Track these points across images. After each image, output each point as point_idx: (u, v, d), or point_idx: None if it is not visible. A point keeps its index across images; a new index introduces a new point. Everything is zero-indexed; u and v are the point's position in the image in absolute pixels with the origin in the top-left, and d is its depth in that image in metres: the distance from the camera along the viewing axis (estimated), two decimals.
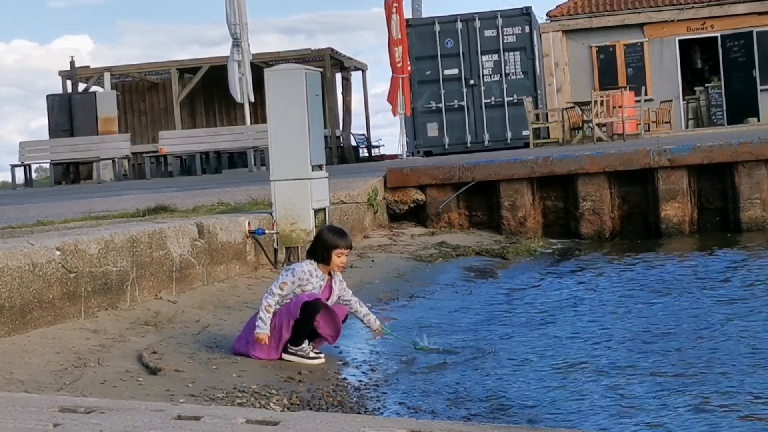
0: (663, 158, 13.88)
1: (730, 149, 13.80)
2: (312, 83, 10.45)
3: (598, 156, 14.23)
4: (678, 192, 13.88)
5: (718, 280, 10.32)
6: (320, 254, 7.06)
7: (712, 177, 14.03)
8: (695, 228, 13.99)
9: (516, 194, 14.25)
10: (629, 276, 10.96)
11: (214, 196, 12.81)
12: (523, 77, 26.34)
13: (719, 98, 31.91)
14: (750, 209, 13.72)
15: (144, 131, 34.57)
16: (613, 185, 14.20)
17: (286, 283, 6.95)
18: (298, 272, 6.98)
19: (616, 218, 14.23)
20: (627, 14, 32.37)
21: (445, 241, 13.26)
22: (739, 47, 31.78)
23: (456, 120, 26.48)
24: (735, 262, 11.34)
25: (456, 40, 26.45)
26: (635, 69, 32.05)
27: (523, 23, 26.50)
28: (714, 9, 31.90)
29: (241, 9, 23.04)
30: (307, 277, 7.01)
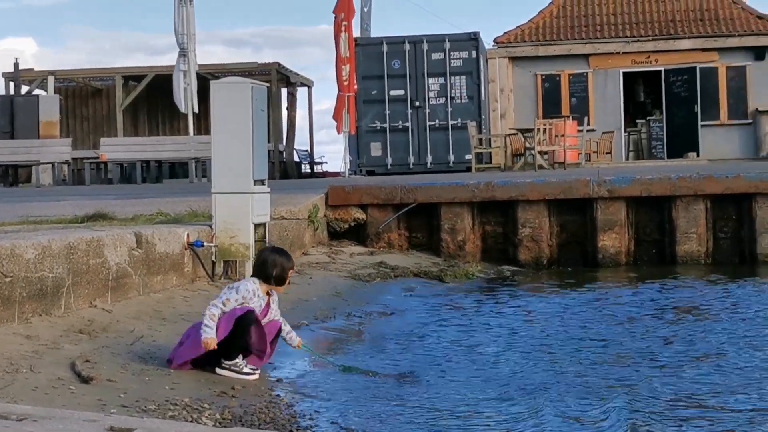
0: (603, 189, 14.01)
1: (670, 183, 13.97)
2: (258, 98, 10.44)
3: (539, 183, 14.34)
4: (616, 223, 14.02)
5: (633, 308, 10.43)
6: (278, 276, 7.07)
7: (651, 210, 14.18)
8: (631, 259, 14.12)
9: (456, 218, 14.31)
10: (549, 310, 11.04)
11: (154, 205, 12.73)
12: (468, 101, 26.49)
13: (660, 132, 32.27)
14: (686, 243, 13.89)
15: (86, 137, 34.31)
16: (553, 213, 14.30)
17: (229, 300, 6.93)
18: (242, 291, 6.97)
19: (554, 246, 14.33)
20: (573, 44, 32.67)
21: (384, 261, 13.28)
22: (682, 82, 32.18)
23: (400, 141, 26.56)
24: (660, 293, 11.46)
25: (403, 61, 26.55)
26: (579, 99, 32.34)
27: (471, 48, 26.66)
28: (659, 43, 32.29)
29: (190, 19, 23.00)
30: (251, 296, 6.99)
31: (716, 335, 8.92)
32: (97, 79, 34.37)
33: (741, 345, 8.44)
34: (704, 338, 8.80)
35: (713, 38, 32.18)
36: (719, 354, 8.11)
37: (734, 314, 10.08)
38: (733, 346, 8.36)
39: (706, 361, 7.85)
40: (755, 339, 8.68)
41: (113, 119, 32.42)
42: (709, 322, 9.61)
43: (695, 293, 11.48)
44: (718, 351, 8.22)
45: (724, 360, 7.86)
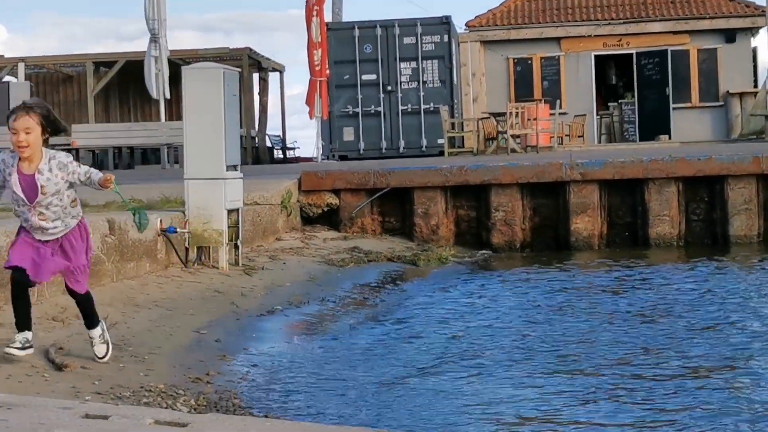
0: (575, 172, 14.04)
1: (642, 166, 14.01)
2: (230, 83, 10.41)
3: (512, 167, 14.36)
4: (589, 206, 14.06)
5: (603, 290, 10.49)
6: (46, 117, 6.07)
7: (623, 192, 14.22)
8: (604, 242, 14.16)
9: (429, 202, 14.32)
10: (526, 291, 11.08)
11: (127, 192, 12.67)
12: (440, 86, 26.47)
13: (632, 115, 32.35)
14: (659, 225, 13.94)
15: None
16: (526, 197, 14.33)
17: None
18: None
19: (527, 230, 14.35)
20: (544, 27, 32.68)
21: (358, 246, 13.28)
22: (653, 65, 32.26)
23: (372, 125, 26.52)
24: (627, 276, 11.52)
25: (375, 45, 26.50)
26: (551, 82, 32.38)
27: (442, 32, 26.63)
28: (630, 26, 32.35)
29: (160, 4, 22.87)
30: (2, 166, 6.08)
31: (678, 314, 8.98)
32: (67, 66, 34.16)
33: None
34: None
35: (684, 21, 32.26)
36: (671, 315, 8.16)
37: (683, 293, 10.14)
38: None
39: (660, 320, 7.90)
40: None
41: (84, 106, 32.22)
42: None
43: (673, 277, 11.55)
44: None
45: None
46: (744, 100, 31.05)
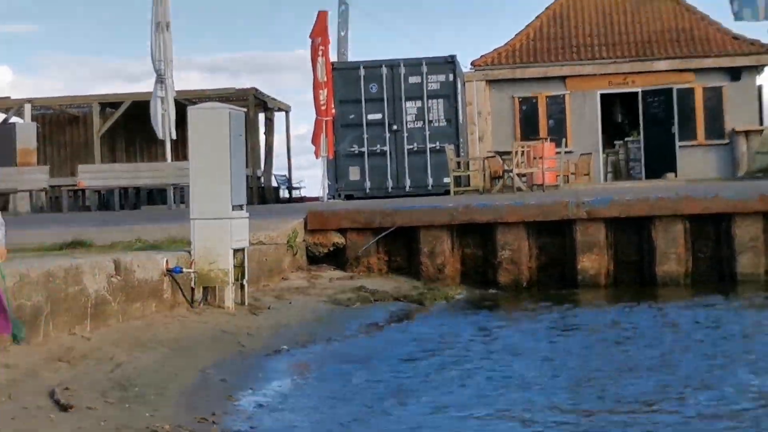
0: (581, 210, 14.02)
1: (648, 203, 13.99)
2: (235, 123, 10.43)
3: (518, 206, 14.35)
4: (595, 244, 14.03)
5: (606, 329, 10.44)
6: None
7: (630, 230, 14.19)
8: (611, 280, 14.11)
9: (435, 241, 14.30)
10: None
11: (133, 232, 12.69)
12: (446, 125, 26.51)
13: (638, 152, 32.38)
14: (666, 263, 13.90)
15: (63, 164, 34.19)
16: (532, 235, 14.30)
17: None
18: None
19: (534, 268, 14.32)
20: (549, 67, 32.78)
21: (364, 285, 13.26)
22: (659, 103, 32.32)
23: (378, 165, 26.55)
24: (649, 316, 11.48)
25: (380, 85, 26.57)
26: (556, 121, 32.43)
27: (448, 71, 26.70)
28: (635, 65, 32.43)
29: (167, 45, 22.98)
30: None
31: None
32: (74, 107, 34.30)
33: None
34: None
35: (689, 59, 32.34)
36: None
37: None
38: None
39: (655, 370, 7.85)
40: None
41: (91, 146, 32.34)
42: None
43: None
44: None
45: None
46: (750, 138, 31.06)
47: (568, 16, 35.03)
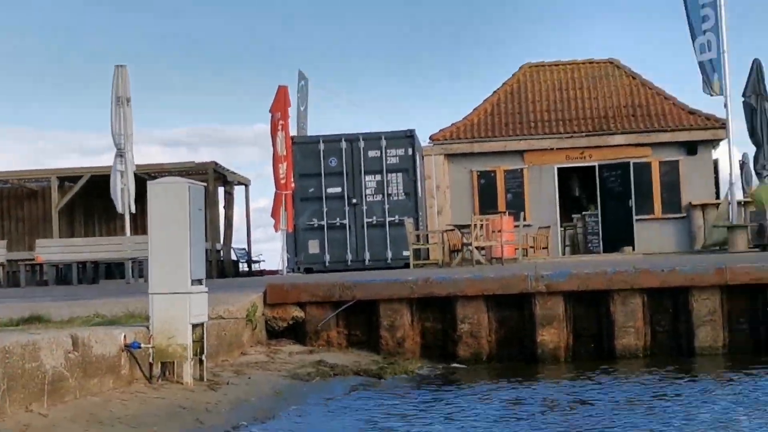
0: (540, 284, 14.07)
1: (606, 277, 14.06)
2: (195, 197, 10.43)
3: (477, 279, 14.38)
4: (554, 318, 14.06)
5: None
6: None
7: (588, 304, 14.24)
8: (570, 354, 14.14)
9: (395, 314, 14.29)
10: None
11: (91, 307, 12.60)
12: (405, 198, 26.64)
13: (596, 226, 32.63)
14: (624, 337, 13.94)
15: (21, 239, 33.99)
16: (491, 309, 14.32)
17: None
18: None
19: (493, 342, 14.32)
20: (508, 141, 33.07)
21: (324, 359, 13.20)
22: (616, 177, 32.64)
23: (337, 238, 26.60)
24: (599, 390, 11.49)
25: (340, 158, 26.71)
26: (514, 194, 32.66)
27: (407, 145, 26.89)
28: (592, 139, 32.79)
29: (127, 119, 23.03)
30: None
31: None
32: (32, 181, 34.18)
33: None
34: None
35: (646, 133, 32.76)
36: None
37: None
38: None
39: None
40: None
41: (49, 220, 32.21)
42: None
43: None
44: None
45: None
46: (706, 212, 31.40)
47: (526, 91, 35.43)
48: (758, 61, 27.20)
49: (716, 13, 25.92)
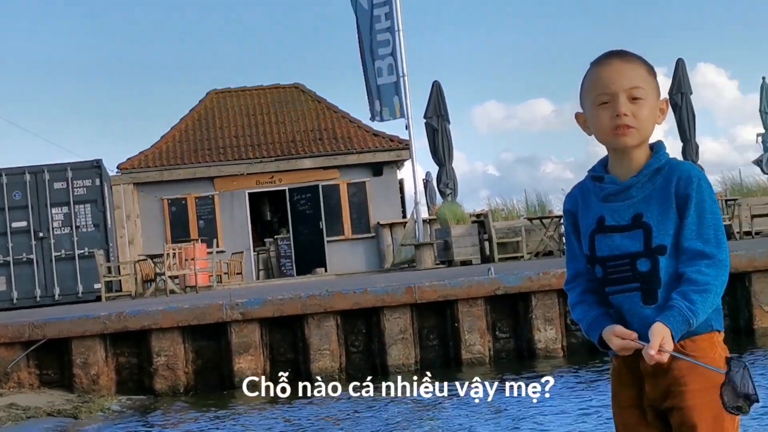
0: (236, 312, 14.06)
1: (300, 302, 14.20)
2: None
3: (172, 311, 14.23)
4: (251, 345, 14.08)
5: None
6: None
7: (284, 329, 14.34)
8: (267, 380, 14.18)
9: (88, 351, 13.95)
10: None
11: None
12: (94, 229, 26.07)
13: (288, 249, 32.97)
14: (320, 360, 14.12)
15: None
16: (188, 340, 14.20)
17: None
18: None
19: (191, 373, 14.20)
20: (197, 168, 32.96)
21: (15, 402, 12.73)
22: (306, 200, 33.10)
23: (25, 273, 25.74)
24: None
25: (24, 192, 25.88)
26: (206, 221, 32.57)
27: (94, 176, 26.34)
28: (281, 163, 33.12)
29: None
30: None
31: None
32: None
33: None
34: None
35: (333, 156, 33.37)
36: None
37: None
38: None
39: None
40: None
41: None
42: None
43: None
44: None
45: None
46: (394, 231, 32.28)
47: (213, 117, 35.45)
48: (438, 83, 28.20)
49: (394, 37, 26.69)
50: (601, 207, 3.48)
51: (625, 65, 3.43)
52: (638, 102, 3.39)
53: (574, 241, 3.60)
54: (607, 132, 3.40)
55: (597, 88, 3.41)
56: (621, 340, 3.34)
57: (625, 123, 3.36)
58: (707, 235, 3.36)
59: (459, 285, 14.19)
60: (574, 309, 3.58)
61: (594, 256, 3.49)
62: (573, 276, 3.62)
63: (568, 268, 3.65)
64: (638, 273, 3.40)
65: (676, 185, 3.39)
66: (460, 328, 14.12)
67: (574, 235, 3.59)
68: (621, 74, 3.39)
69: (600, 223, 3.47)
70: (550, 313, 14.14)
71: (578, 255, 3.58)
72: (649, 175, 3.42)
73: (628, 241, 3.41)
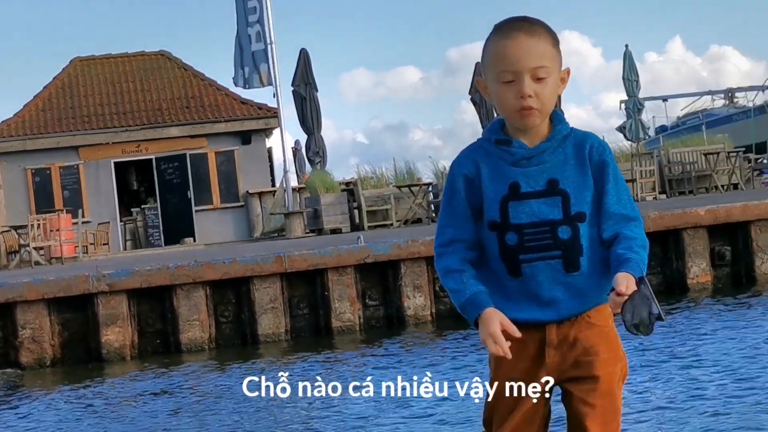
0: (102, 283, 13.87)
1: (169, 273, 14.06)
2: None
3: (37, 283, 13.97)
4: (118, 317, 13.91)
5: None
6: None
7: (153, 300, 14.19)
8: (136, 352, 14.05)
9: None
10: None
11: None
12: None
13: (156, 219, 32.63)
14: (189, 330, 14.00)
15: None
16: (53, 312, 13.97)
17: None
18: None
19: (57, 345, 13.97)
20: (61, 137, 32.38)
21: None
22: (173, 169, 32.77)
23: None
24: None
25: None
26: (72, 191, 32.03)
27: None
28: (148, 132, 32.72)
29: None
30: None
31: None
32: None
33: None
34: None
35: (200, 125, 33.07)
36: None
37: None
38: None
39: None
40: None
41: None
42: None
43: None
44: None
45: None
46: (263, 200, 32.17)
47: (77, 85, 34.83)
48: (305, 50, 28.11)
49: (262, 5, 26.48)
50: (513, 172, 3.38)
51: (531, 41, 3.32)
52: (542, 81, 3.32)
53: (463, 207, 3.44)
54: (511, 111, 3.35)
55: (501, 64, 3.33)
56: (494, 344, 3.27)
57: (530, 104, 3.31)
58: (625, 200, 3.37)
59: (329, 254, 14.21)
60: (450, 276, 3.46)
61: (507, 222, 3.37)
62: (449, 240, 3.46)
63: (444, 232, 3.49)
64: (560, 240, 3.36)
65: (589, 152, 3.38)
66: (330, 297, 14.14)
67: (466, 201, 3.44)
68: (527, 52, 3.30)
69: (514, 189, 3.37)
70: (419, 281, 14.25)
71: (463, 221, 3.44)
72: (558, 141, 3.39)
73: (546, 207, 3.36)
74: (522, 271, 3.38)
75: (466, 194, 3.43)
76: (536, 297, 3.37)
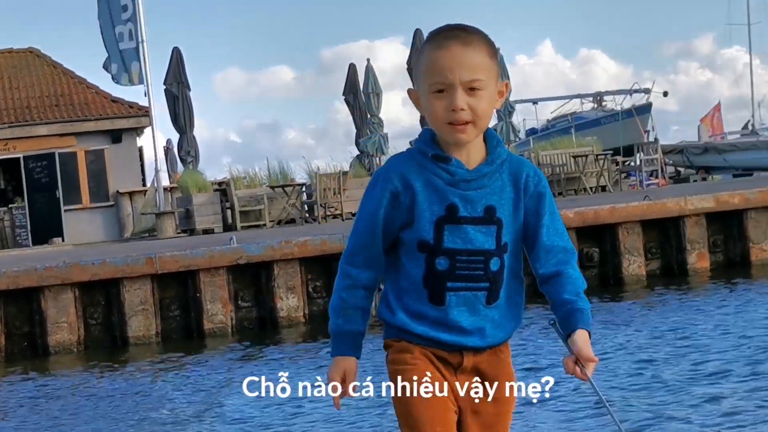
0: None
1: (37, 274, 13.81)
2: None
3: None
4: None
5: None
6: None
7: (21, 302, 13.92)
8: (3, 355, 13.76)
9: None
10: None
11: None
12: None
13: (24, 219, 31.99)
14: (57, 333, 13.77)
15: None
16: None
17: None
18: None
19: None
20: None
21: None
22: (42, 168, 32.18)
23: None
24: None
25: None
26: None
27: None
28: (16, 130, 32.07)
29: None
30: None
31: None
32: None
33: None
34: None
35: (70, 123, 32.51)
36: None
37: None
38: None
39: None
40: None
41: None
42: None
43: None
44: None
45: None
46: (134, 199, 31.77)
47: None
48: (178, 49, 27.86)
49: (135, 3, 26.15)
50: (451, 192, 3.18)
51: (465, 51, 3.13)
52: (477, 93, 3.13)
53: (379, 224, 3.22)
54: (441, 124, 3.15)
55: (433, 74, 3.14)
56: (337, 394, 3.20)
57: (462, 118, 3.12)
58: (561, 230, 3.25)
59: (201, 254, 14.12)
60: (348, 291, 3.27)
61: (439, 246, 3.19)
62: (354, 252, 3.27)
63: (353, 243, 3.28)
64: (490, 272, 3.20)
65: (525, 182, 3.24)
66: (202, 298, 14.04)
67: (383, 219, 3.22)
68: (460, 63, 3.11)
69: (451, 211, 3.18)
70: (292, 282, 14.23)
71: (372, 239, 3.24)
72: (497, 165, 3.23)
73: (481, 236, 3.19)
74: (446, 300, 3.22)
75: (386, 211, 3.21)
76: (456, 327, 3.22)
